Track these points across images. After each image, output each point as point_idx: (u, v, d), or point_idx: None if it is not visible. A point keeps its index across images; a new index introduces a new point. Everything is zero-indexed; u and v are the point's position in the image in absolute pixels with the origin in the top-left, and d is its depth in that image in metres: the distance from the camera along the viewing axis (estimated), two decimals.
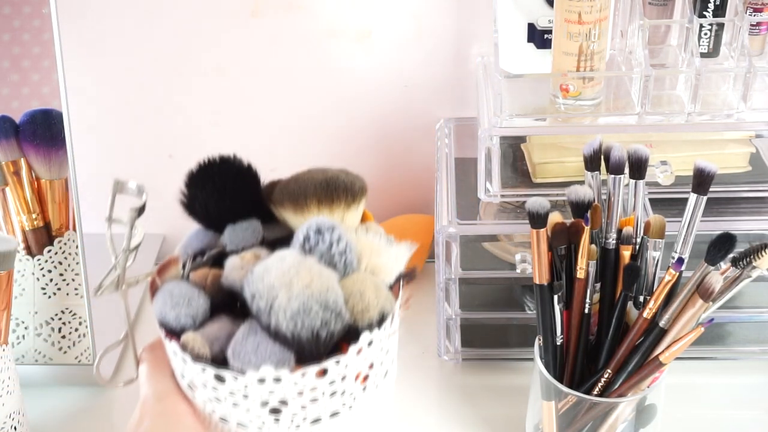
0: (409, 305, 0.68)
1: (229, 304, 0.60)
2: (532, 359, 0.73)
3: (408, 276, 0.63)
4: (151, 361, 0.61)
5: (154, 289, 0.62)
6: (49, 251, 0.85)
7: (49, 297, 0.85)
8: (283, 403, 0.57)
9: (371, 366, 0.59)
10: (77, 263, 0.84)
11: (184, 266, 0.63)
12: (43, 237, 0.85)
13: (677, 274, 0.66)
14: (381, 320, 0.57)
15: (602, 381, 0.69)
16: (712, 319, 0.65)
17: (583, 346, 0.71)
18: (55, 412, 0.84)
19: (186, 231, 0.87)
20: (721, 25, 0.81)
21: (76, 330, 0.85)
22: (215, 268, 0.62)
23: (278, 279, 0.55)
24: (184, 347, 0.57)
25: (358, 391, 0.59)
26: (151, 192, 1.14)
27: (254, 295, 0.56)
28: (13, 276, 0.74)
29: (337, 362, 0.56)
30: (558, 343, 0.70)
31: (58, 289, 0.85)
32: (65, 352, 0.85)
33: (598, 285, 0.70)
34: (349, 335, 0.56)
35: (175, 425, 0.59)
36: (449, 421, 0.81)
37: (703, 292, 0.64)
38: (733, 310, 0.85)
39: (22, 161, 0.83)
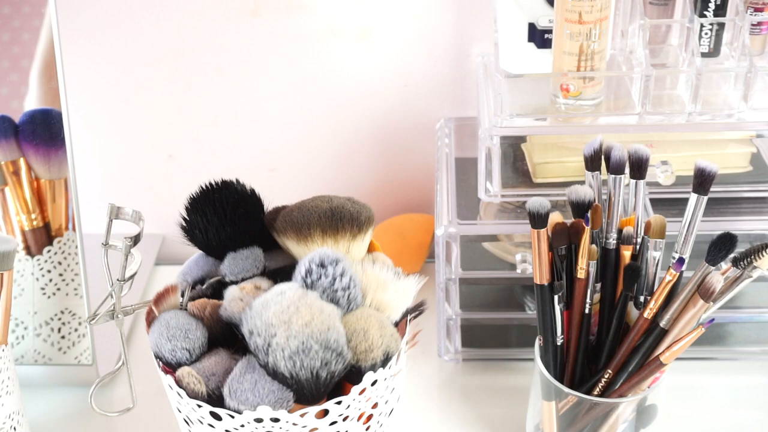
0: (416, 342, 0.66)
1: (228, 337, 0.58)
2: (532, 359, 0.73)
3: (415, 311, 0.61)
4: None
5: (150, 319, 0.60)
6: (49, 251, 0.85)
7: (49, 297, 0.85)
8: None
9: (375, 406, 0.57)
10: (77, 263, 0.84)
11: (183, 294, 0.61)
12: (42, 237, 0.85)
13: (678, 274, 0.66)
14: (385, 360, 0.55)
15: (603, 381, 0.69)
16: (713, 320, 0.65)
17: (583, 347, 0.71)
18: (55, 413, 0.84)
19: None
20: (721, 25, 0.81)
21: (76, 330, 0.85)
22: (215, 298, 0.60)
23: (277, 316, 0.53)
24: (179, 382, 0.55)
25: (361, 431, 0.58)
26: (151, 192, 1.14)
27: (252, 331, 0.54)
28: (12, 276, 0.74)
29: (339, 403, 0.54)
30: (558, 344, 0.70)
31: (58, 289, 0.85)
32: (65, 353, 0.85)
33: (598, 285, 0.70)
34: (351, 375, 0.54)
35: None
36: (449, 421, 0.81)
37: (703, 292, 0.64)
38: (734, 310, 0.85)
39: (22, 161, 0.83)
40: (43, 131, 0.81)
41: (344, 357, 0.53)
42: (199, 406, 0.55)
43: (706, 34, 0.82)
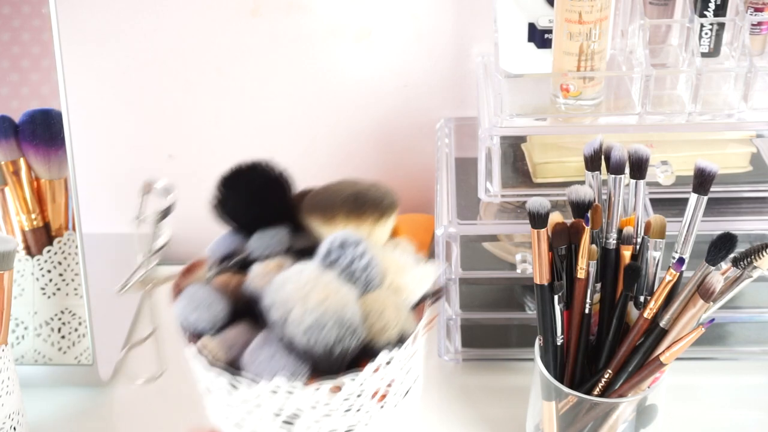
0: (433, 326, 0.68)
1: (251, 311, 0.59)
2: (532, 359, 0.73)
3: (434, 293, 0.63)
4: None
5: (177, 291, 0.62)
6: (49, 251, 0.85)
7: (49, 297, 0.85)
8: (296, 416, 0.56)
9: (390, 385, 0.59)
10: (77, 263, 0.84)
11: (209, 269, 0.63)
12: (42, 237, 0.85)
13: (678, 274, 0.66)
14: (400, 340, 0.57)
15: (603, 381, 0.69)
16: (713, 320, 0.65)
17: (583, 347, 0.71)
18: (55, 413, 0.84)
19: (188, 232, 0.87)
20: (721, 25, 0.81)
21: (76, 330, 0.85)
22: (240, 274, 0.62)
23: (295, 292, 0.55)
24: (200, 351, 0.57)
25: (375, 409, 0.59)
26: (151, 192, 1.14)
27: (271, 305, 0.56)
28: (12, 276, 0.74)
29: (353, 379, 0.56)
30: (558, 344, 0.70)
31: (58, 289, 0.85)
32: (65, 353, 0.85)
33: (598, 285, 0.70)
34: (367, 353, 0.56)
35: None
36: (449, 421, 0.81)
37: (703, 292, 0.64)
38: (734, 310, 0.85)
39: (22, 161, 0.83)
40: (43, 131, 0.81)
41: (358, 334, 0.55)
42: (218, 376, 0.57)
43: (706, 34, 0.82)
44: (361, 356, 0.56)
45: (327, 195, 0.64)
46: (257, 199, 0.65)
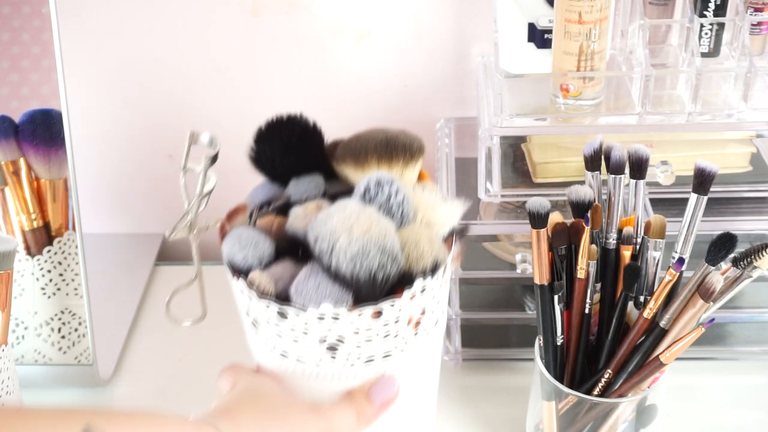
0: (460, 258, 0.75)
1: (292, 250, 0.64)
2: (532, 359, 0.73)
3: (461, 231, 0.68)
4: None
5: (223, 233, 0.66)
6: (49, 251, 0.85)
7: (49, 297, 0.85)
8: (340, 341, 0.61)
9: (423, 312, 0.63)
10: (77, 263, 0.84)
11: (251, 215, 0.67)
12: (42, 237, 0.85)
13: (678, 274, 0.66)
14: (434, 268, 0.61)
15: (603, 381, 0.69)
16: (713, 320, 0.65)
17: (583, 346, 0.71)
18: None
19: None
20: (721, 25, 0.81)
21: (76, 330, 0.85)
22: (281, 216, 0.66)
23: (340, 224, 0.59)
24: (250, 285, 0.61)
25: (410, 336, 0.63)
26: (151, 192, 1.14)
27: (317, 238, 0.60)
28: (12, 276, 0.74)
29: (392, 305, 0.60)
30: (558, 343, 0.70)
31: (58, 289, 0.85)
32: (65, 353, 0.85)
33: (598, 285, 0.70)
34: (403, 281, 0.60)
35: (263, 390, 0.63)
36: (449, 421, 0.81)
37: (703, 292, 0.64)
38: (734, 310, 0.85)
39: (22, 161, 0.83)
40: (43, 131, 0.81)
41: (398, 261, 0.59)
42: (268, 306, 0.60)
43: (706, 34, 0.82)
44: (397, 285, 0.60)
45: (358, 142, 0.68)
46: (293, 148, 0.69)
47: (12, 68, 0.82)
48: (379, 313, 0.60)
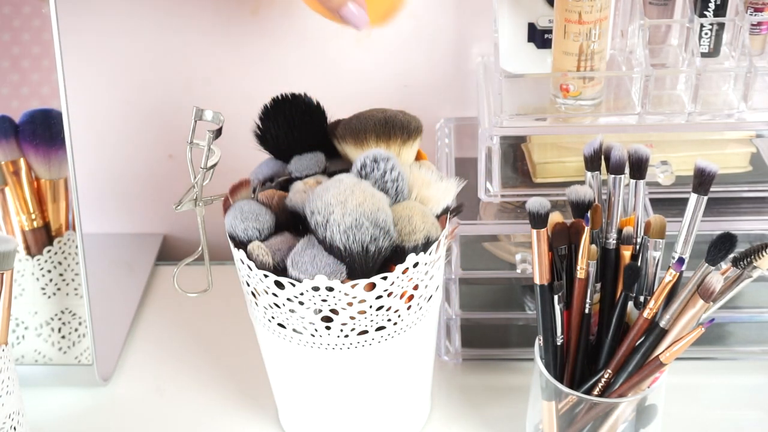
0: (454, 236, 0.78)
1: (292, 224, 0.66)
2: (532, 359, 0.73)
3: (455, 209, 0.70)
4: None
5: (226, 206, 0.69)
6: (49, 251, 0.85)
7: (49, 297, 0.85)
8: (334, 312, 0.63)
9: (416, 287, 0.65)
10: (77, 263, 0.84)
11: (254, 190, 0.70)
12: (42, 237, 0.85)
13: (678, 274, 0.66)
14: (426, 244, 0.63)
15: (602, 381, 0.69)
16: (713, 320, 0.65)
17: (583, 346, 0.71)
18: (55, 413, 0.84)
19: (188, 230, 0.87)
20: (721, 25, 0.81)
21: (76, 330, 0.85)
22: (282, 191, 0.69)
23: (335, 197, 0.61)
24: (249, 255, 0.63)
25: (403, 309, 0.65)
26: (151, 192, 1.14)
27: (313, 211, 0.62)
28: (12, 276, 0.74)
29: (384, 278, 0.62)
30: (558, 343, 0.70)
31: (58, 289, 0.85)
32: (65, 353, 0.85)
33: (598, 285, 0.70)
34: (396, 255, 0.62)
35: None
36: (449, 421, 0.81)
37: (703, 292, 0.64)
38: (734, 310, 0.85)
39: (22, 161, 0.83)
40: (43, 131, 0.81)
41: (390, 235, 0.61)
42: (266, 276, 0.63)
43: (706, 34, 0.82)
44: (391, 259, 0.62)
45: (358, 121, 0.70)
46: (296, 126, 0.72)
47: (12, 68, 0.82)
48: (372, 286, 0.61)
